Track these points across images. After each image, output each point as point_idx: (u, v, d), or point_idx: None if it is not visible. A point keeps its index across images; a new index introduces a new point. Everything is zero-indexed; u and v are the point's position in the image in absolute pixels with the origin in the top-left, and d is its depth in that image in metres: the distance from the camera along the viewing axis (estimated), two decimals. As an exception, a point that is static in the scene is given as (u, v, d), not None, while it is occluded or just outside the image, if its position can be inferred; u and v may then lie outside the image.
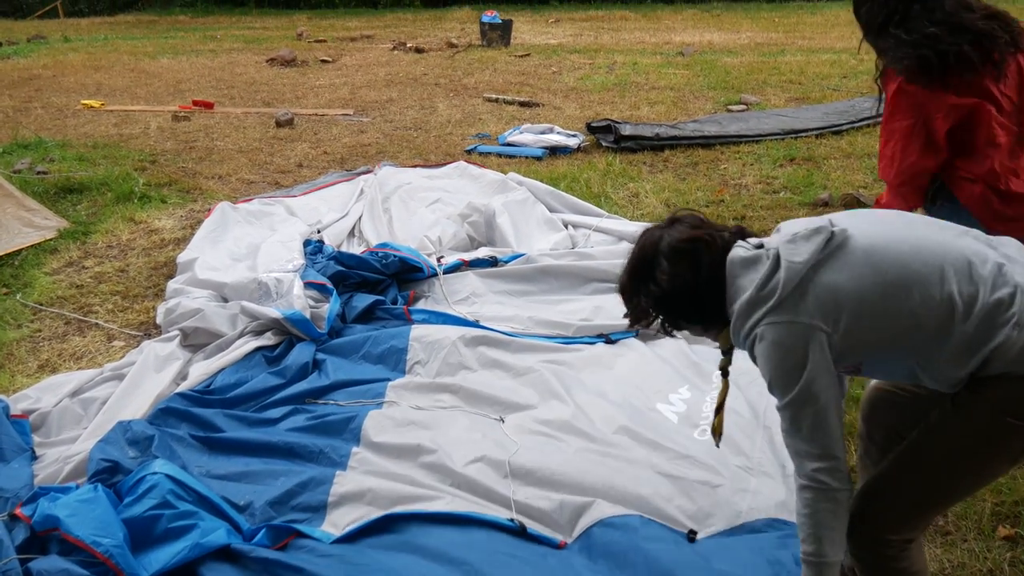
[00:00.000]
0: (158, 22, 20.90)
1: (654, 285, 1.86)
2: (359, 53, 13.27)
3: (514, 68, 11.13)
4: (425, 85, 10.01)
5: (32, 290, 4.33)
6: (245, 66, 12.03)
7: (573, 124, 7.50)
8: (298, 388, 3.21)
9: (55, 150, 6.91)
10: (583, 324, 3.64)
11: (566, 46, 13.62)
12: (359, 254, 4.28)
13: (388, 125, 7.91)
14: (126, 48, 14.49)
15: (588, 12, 20.46)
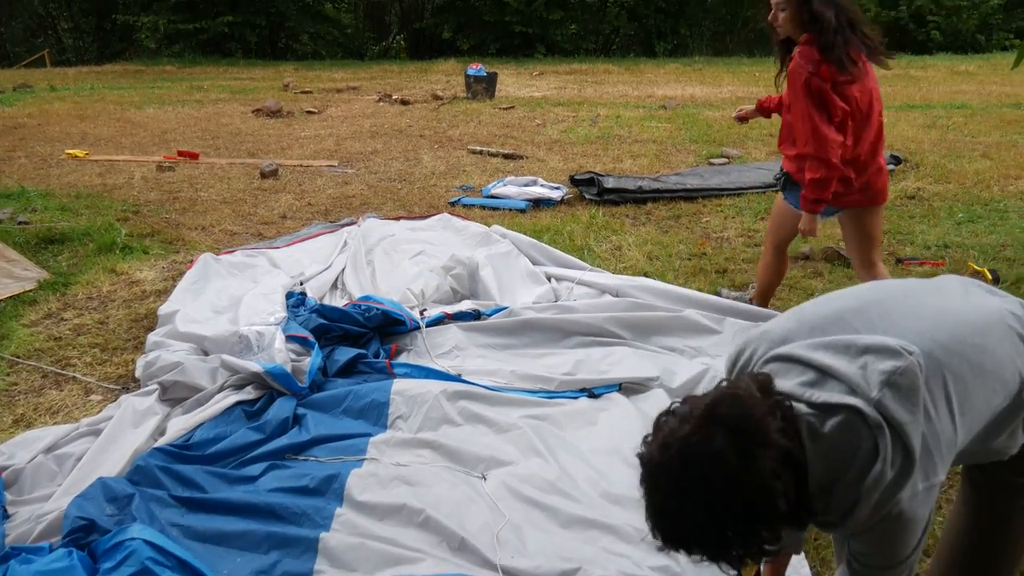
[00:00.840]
0: (145, 72, 21.01)
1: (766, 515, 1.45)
2: (345, 104, 13.37)
3: (498, 120, 11.24)
4: (410, 137, 10.08)
5: (9, 342, 4.28)
6: (231, 116, 12.09)
7: (557, 176, 7.56)
8: (278, 443, 3.17)
9: (38, 200, 6.89)
10: (566, 379, 3.62)
11: (550, 99, 13.78)
12: (342, 307, 4.26)
13: (373, 176, 7.95)
14: (112, 98, 14.54)
15: (572, 65, 20.75)
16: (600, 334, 4.06)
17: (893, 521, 1.51)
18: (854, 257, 4.00)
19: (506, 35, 24.98)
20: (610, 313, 4.17)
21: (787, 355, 1.64)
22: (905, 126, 10.08)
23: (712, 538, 1.48)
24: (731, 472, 1.42)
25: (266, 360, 3.59)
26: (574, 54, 24.32)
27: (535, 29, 24.76)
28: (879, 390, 1.50)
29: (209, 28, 24.94)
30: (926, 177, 7.38)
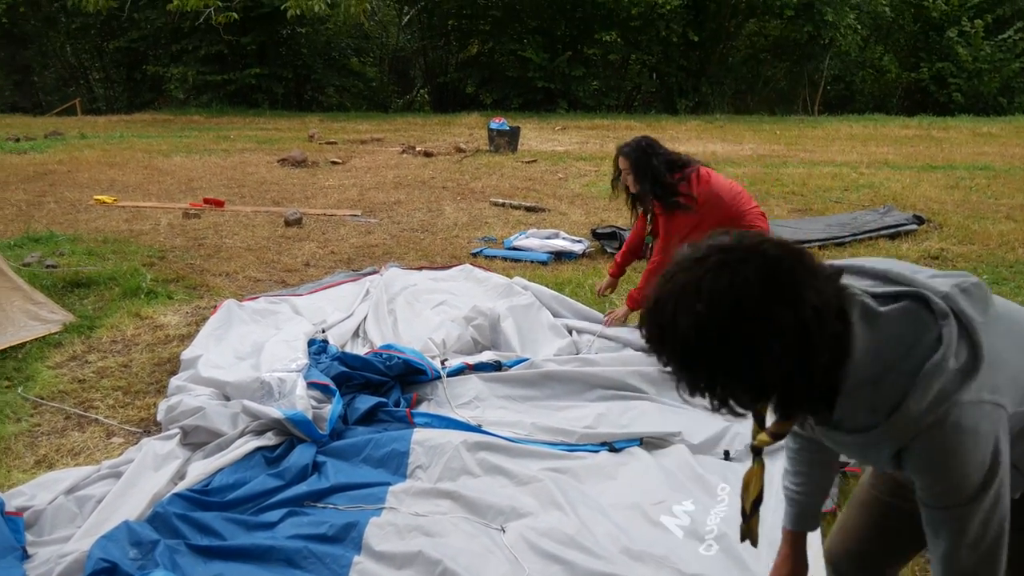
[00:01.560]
0: (173, 121, 21.39)
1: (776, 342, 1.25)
2: (369, 155, 13.54)
3: (521, 174, 11.34)
4: (433, 188, 10.18)
5: (34, 384, 4.31)
6: (256, 166, 12.26)
7: (578, 230, 7.59)
8: (297, 490, 3.16)
9: (66, 244, 6.98)
10: (587, 432, 3.60)
11: (572, 153, 13.90)
12: (363, 355, 4.27)
13: (395, 227, 8.02)
14: (141, 146, 14.79)
15: (594, 121, 20.95)
16: (622, 387, 4.05)
17: (951, 430, 1.29)
18: None
19: (529, 90, 25.31)
20: (632, 367, 4.16)
21: (853, 266, 1.47)
22: (927, 186, 10.08)
23: (683, 360, 1.32)
24: (738, 307, 1.25)
25: (287, 407, 3.60)
26: (596, 110, 24.57)
27: (558, 85, 25.07)
28: (949, 288, 1.36)
29: (237, 80, 25.44)
30: (949, 238, 7.36)
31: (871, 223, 7.54)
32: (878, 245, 7.05)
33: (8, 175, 10.95)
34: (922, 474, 1.37)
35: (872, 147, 14.83)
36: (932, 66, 25.75)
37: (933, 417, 1.30)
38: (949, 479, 1.33)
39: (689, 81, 26.10)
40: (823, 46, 25.33)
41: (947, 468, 1.32)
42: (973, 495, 1.32)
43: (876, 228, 7.38)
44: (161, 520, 2.88)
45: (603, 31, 25.05)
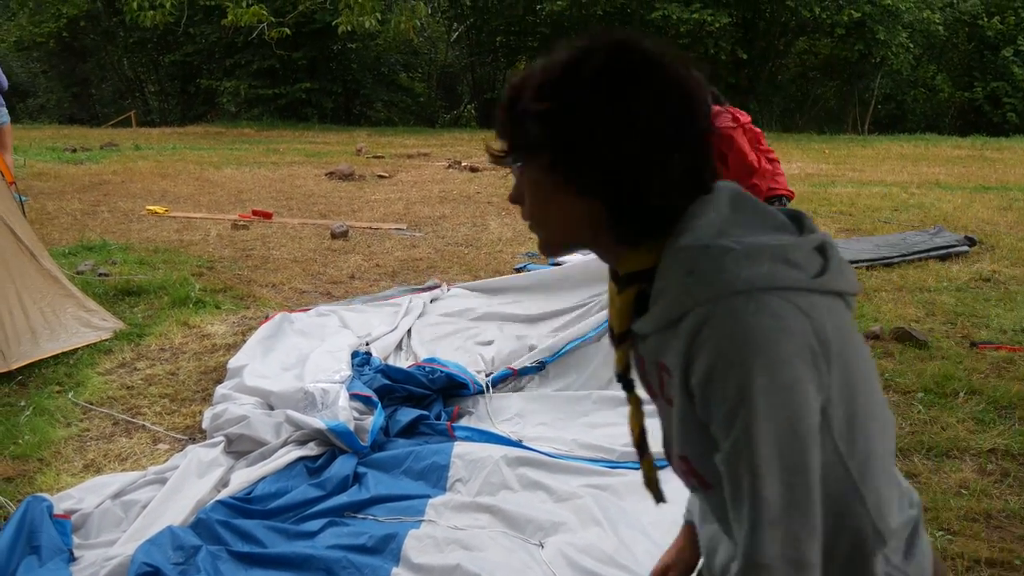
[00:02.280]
0: (225, 134, 21.77)
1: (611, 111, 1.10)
2: (415, 170, 13.65)
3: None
4: (478, 203, 10.22)
5: (84, 389, 4.40)
6: (304, 179, 12.42)
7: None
8: (338, 501, 3.19)
9: (118, 253, 7.13)
10: (627, 450, 3.58)
11: (617, 170, 13.88)
12: (406, 368, 4.30)
13: (440, 241, 8.06)
14: (193, 158, 15.07)
15: (640, 138, 20.92)
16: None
17: (749, 317, 1.00)
18: None
19: (576, 107, 25.35)
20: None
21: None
22: (980, 207, 9.91)
23: (510, 125, 1.21)
24: (580, 76, 1.13)
25: (330, 417, 3.63)
26: (642, 127, 24.54)
27: (604, 102, 25.11)
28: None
29: (288, 94, 25.85)
30: (1002, 260, 7.22)
31: (921, 244, 7.42)
32: (928, 266, 6.93)
33: (64, 185, 11.22)
34: (723, 447, 1.05)
35: (923, 167, 14.60)
36: (986, 85, 25.34)
37: (730, 300, 1.01)
38: (751, 387, 0.99)
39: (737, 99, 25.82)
40: (874, 65, 25.06)
41: (743, 363, 0.99)
42: (780, 424, 1.00)
43: (926, 249, 7.27)
44: (204, 526, 2.91)
45: (651, 48, 25.03)
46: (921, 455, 3.64)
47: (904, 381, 4.45)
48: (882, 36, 23.26)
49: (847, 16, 22.81)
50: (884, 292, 6.21)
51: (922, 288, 6.29)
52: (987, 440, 3.75)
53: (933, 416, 4.04)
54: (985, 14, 25.34)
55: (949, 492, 3.32)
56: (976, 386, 4.35)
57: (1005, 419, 4.00)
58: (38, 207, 9.24)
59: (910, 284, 6.41)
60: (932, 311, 5.76)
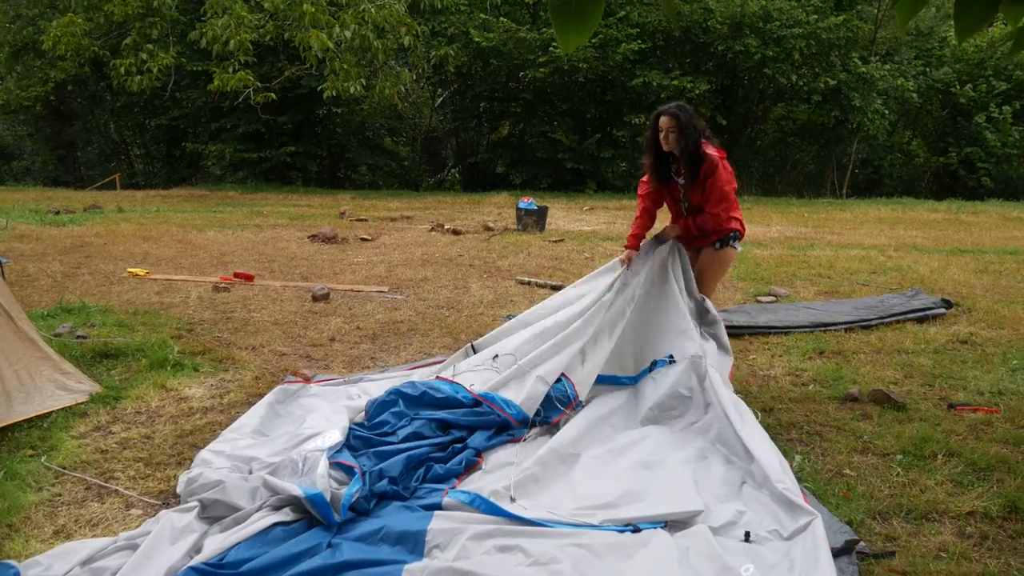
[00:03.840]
0: (209, 197, 21.85)
1: None
2: (398, 233, 13.72)
3: (548, 253, 11.43)
4: (460, 266, 10.27)
5: (57, 453, 4.34)
6: (288, 241, 12.45)
7: (603, 309, 7.60)
8: (311, 564, 3.13)
9: (97, 315, 7.09)
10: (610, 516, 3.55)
11: (599, 233, 14.00)
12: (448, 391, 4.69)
13: (421, 303, 8.07)
14: (176, 220, 15.10)
15: (621, 201, 21.14)
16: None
17: None
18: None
19: (558, 171, 25.66)
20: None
21: None
22: (956, 270, 10.03)
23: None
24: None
25: (308, 484, 3.58)
26: (624, 190, 24.79)
27: (586, 166, 25.41)
28: None
29: (273, 157, 26.04)
30: (979, 322, 7.29)
31: (899, 306, 7.49)
32: (906, 328, 6.99)
33: (47, 247, 11.20)
34: None
35: (900, 230, 14.81)
36: (961, 151, 25.81)
37: None
38: None
39: (717, 164, 26.31)
40: (851, 130, 25.51)
41: None
42: None
43: (904, 311, 7.33)
44: (174, 594, 2.86)
45: (632, 114, 25.44)
46: (900, 518, 3.64)
47: (883, 443, 4.46)
48: (858, 103, 23.72)
49: (823, 83, 23.28)
50: (862, 354, 6.24)
51: (900, 350, 6.33)
52: (966, 503, 3.75)
53: (912, 479, 4.04)
54: (958, 82, 25.92)
55: (928, 556, 3.31)
56: (954, 448, 4.36)
57: (983, 481, 4.01)
58: (18, 269, 9.21)
59: (888, 346, 6.45)
60: (910, 373, 5.79)
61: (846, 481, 4.03)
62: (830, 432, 4.67)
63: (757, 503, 3.70)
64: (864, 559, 3.26)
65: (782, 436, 4.60)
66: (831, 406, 5.08)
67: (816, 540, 3.27)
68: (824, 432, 4.67)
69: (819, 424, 4.80)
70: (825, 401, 5.18)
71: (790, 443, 4.53)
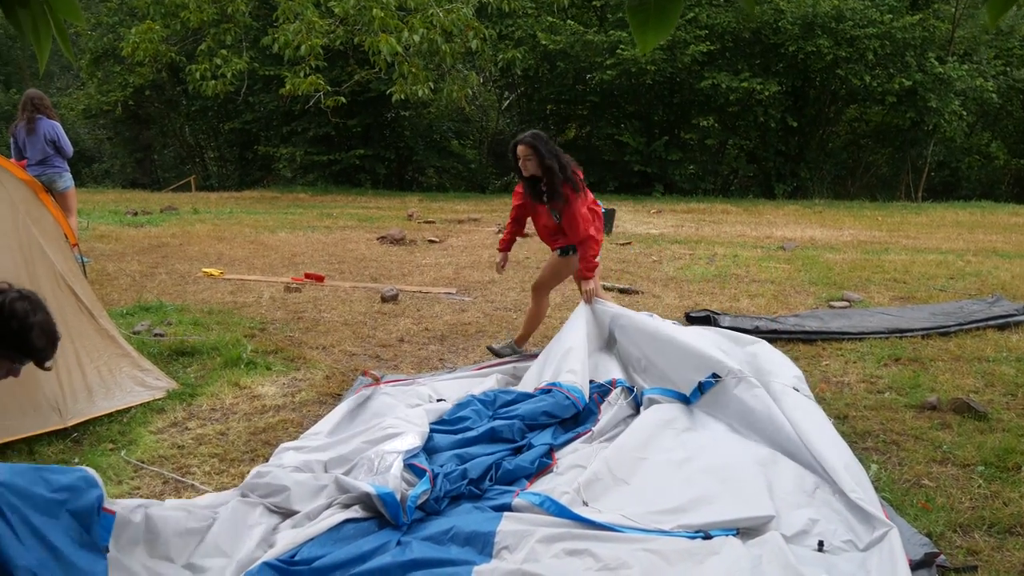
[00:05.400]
0: (280, 199, 22.24)
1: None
2: (465, 235, 13.78)
3: (615, 256, 11.36)
4: (527, 268, 10.27)
5: (136, 447, 4.46)
6: (357, 243, 12.60)
7: (672, 313, 7.54)
8: (381, 562, 3.15)
9: (174, 314, 7.27)
10: (682, 522, 3.51)
11: (667, 236, 13.88)
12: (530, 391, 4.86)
13: (489, 305, 8.10)
14: (249, 221, 15.40)
15: (690, 204, 20.92)
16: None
17: None
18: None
19: (625, 173, 25.51)
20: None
21: None
22: (1039, 276, 9.70)
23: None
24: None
25: (380, 483, 3.62)
26: (692, 193, 24.57)
27: (654, 168, 25.23)
28: None
29: (342, 160, 26.41)
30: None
31: (979, 313, 7.27)
32: (986, 336, 6.77)
33: (125, 247, 11.52)
34: None
35: (979, 235, 14.38)
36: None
37: None
38: None
39: (787, 166, 25.89)
40: (927, 132, 24.88)
41: None
42: None
43: (984, 318, 7.11)
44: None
45: (700, 116, 25.21)
46: (982, 531, 3.52)
47: (963, 454, 4.33)
48: (934, 104, 23.12)
49: (898, 84, 22.75)
50: (940, 362, 6.07)
51: (981, 358, 6.14)
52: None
53: (994, 491, 3.91)
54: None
55: (1013, 571, 3.20)
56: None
57: (1071, 495, 3.86)
58: (99, 268, 9.49)
59: (968, 354, 6.26)
60: (991, 382, 5.62)
61: (925, 492, 3.92)
62: (907, 441, 4.55)
63: (831, 511, 3.62)
64: (944, 573, 3.17)
65: (858, 444, 4.50)
66: (908, 414, 4.95)
67: (893, 552, 3.20)
68: (901, 441, 4.56)
69: (896, 433, 4.68)
70: (902, 409, 5.05)
71: (866, 452, 4.42)
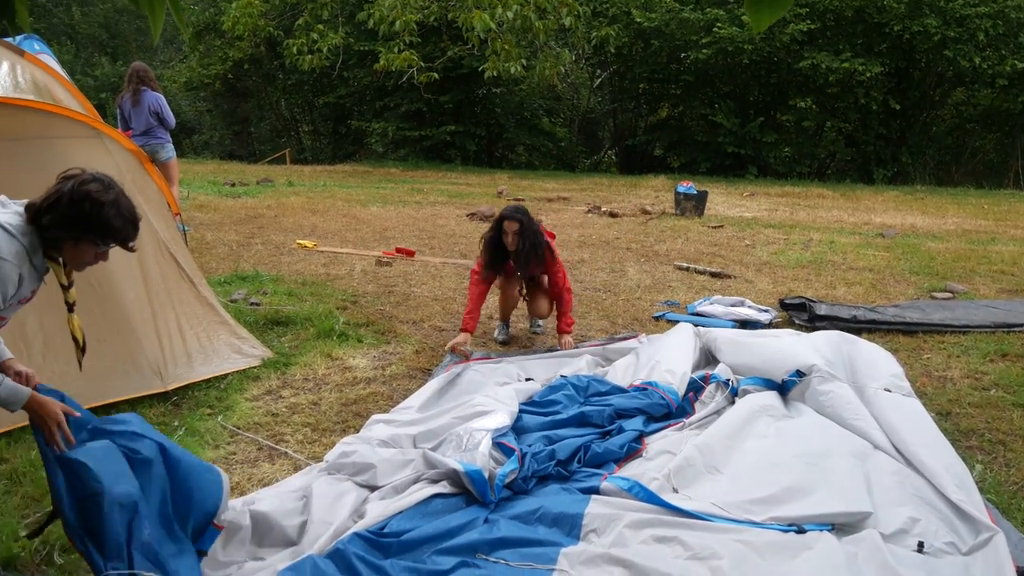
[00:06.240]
0: (372, 173, 22.52)
1: None
2: (555, 214, 13.72)
3: (706, 238, 11.17)
4: (617, 249, 10.18)
5: (232, 413, 4.57)
6: (447, 219, 12.68)
7: (765, 299, 7.37)
8: (469, 538, 3.17)
9: (269, 284, 7.43)
10: (775, 514, 3.42)
11: (760, 220, 13.58)
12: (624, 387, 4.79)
13: (578, 285, 8.05)
14: (341, 195, 15.63)
15: (784, 188, 20.43)
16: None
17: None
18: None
19: (718, 155, 25.04)
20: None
21: None
22: None
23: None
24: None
25: (468, 460, 3.63)
26: (787, 176, 23.96)
27: (748, 150, 24.68)
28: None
29: (433, 136, 26.57)
30: None
31: (1094, 309, 6.91)
32: (1102, 334, 6.43)
33: (223, 217, 11.82)
34: None
35: (1096, 227, 13.67)
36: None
37: None
38: None
39: (888, 150, 25.02)
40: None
41: None
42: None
43: (1101, 315, 6.75)
44: (341, 557, 2.96)
45: (798, 97, 24.52)
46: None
47: (1076, 457, 4.12)
48: (1050, 88, 22.05)
49: (1010, 66, 21.70)
50: (1052, 359, 5.79)
51: (1095, 357, 5.84)
52: None
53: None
54: None
55: None
56: None
57: None
58: (198, 237, 9.75)
59: (1081, 352, 5.96)
60: (1107, 382, 5.33)
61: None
62: (1015, 442, 4.35)
63: (931, 511, 3.48)
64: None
65: (961, 443, 4.32)
66: (1016, 414, 4.73)
67: (999, 558, 3.07)
68: (1008, 441, 4.36)
69: (1003, 432, 4.48)
70: (1009, 408, 4.83)
71: (970, 451, 4.25)
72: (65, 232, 2.80)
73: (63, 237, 2.81)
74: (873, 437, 4.06)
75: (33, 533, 2.93)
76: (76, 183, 2.80)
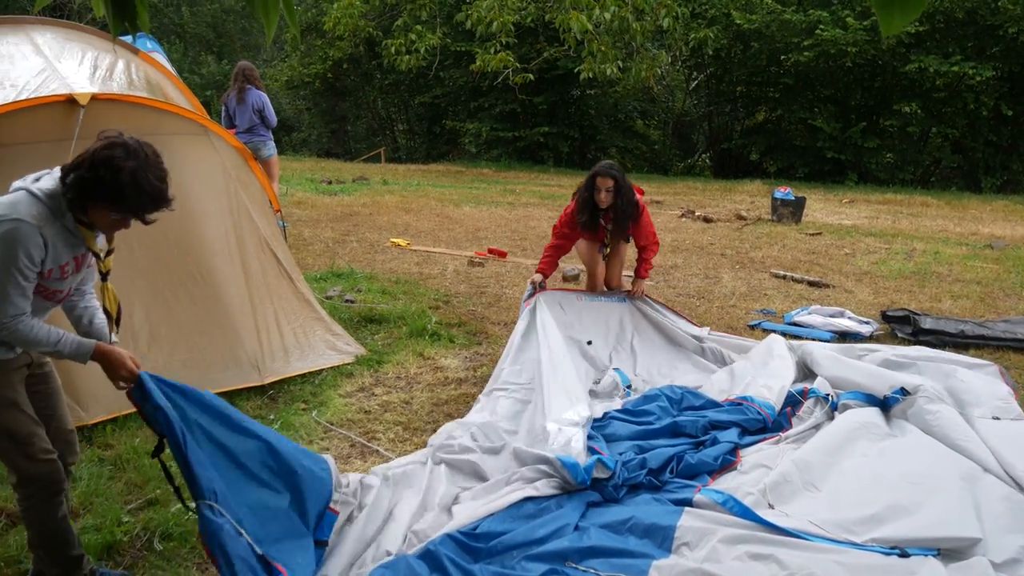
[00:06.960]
0: (464, 173, 22.67)
1: None
2: (647, 217, 13.56)
3: (804, 246, 10.89)
4: (711, 254, 10.01)
5: (326, 409, 4.64)
6: (539, 220, 12.67)
7: (866, 310, 7.14)
8: (559, 545, 3.15)
9: (363, 281, 7.53)
10: (876, 536, 3.29)
11: (860, 228, 13.18)
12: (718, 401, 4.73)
13: (671, 291, 7.94)
14: (435, 194, 15.78)
15: (885, 195, 19.79)
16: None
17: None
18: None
19: (816, 160, 24.41)
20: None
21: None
22: None
23: None
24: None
25: (560, 452, 3.66)
26: (888, 183, 23.21)
27: (848, 156, 23.98)
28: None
29: (526, 137, 26.61)
30: None
31: None
32: None
33: (320, 214, 12.05)
34: None
35: None
36: None
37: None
38: None
39: (998, 158, 23.99)
40: None
41: None
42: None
43: None
44: (432, 559, 2.97)
45: (903, 102, 23.73)
46: None
47: None
48: None
49: None
50: None
51: None
52: None
53: None
54: None
55: None
56: None
57: None
58: (296, 233, 9.96)
59: None
60: None
61: None
62: None
63: (1046, 540, 3.30)
64: None
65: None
66: None
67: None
68: None
69: (1124, 459, 4.22)
70: None
71: (1088, 477, 4.02)
72: (79, 194, 2.65)
73: (78, 199, 2.66)
74: (983, 459, 3.89)
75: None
76: (102, 146, 2.66)
